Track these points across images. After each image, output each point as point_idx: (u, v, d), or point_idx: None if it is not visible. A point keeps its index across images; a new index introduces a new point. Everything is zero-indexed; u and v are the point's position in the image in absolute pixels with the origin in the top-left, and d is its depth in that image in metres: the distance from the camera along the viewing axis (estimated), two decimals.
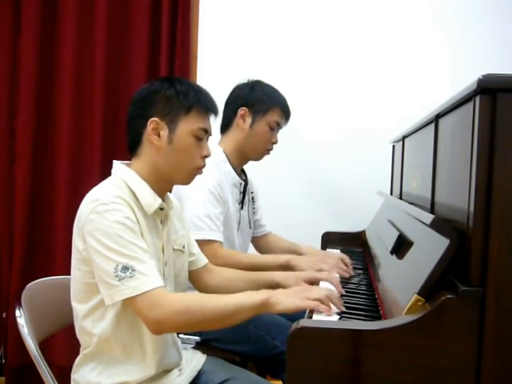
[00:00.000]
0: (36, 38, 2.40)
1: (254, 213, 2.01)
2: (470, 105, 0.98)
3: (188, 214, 1.64)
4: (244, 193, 1.90)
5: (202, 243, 1.58)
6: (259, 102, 1.81)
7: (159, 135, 1.24)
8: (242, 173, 1.93)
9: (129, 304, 1.13)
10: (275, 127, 1.84)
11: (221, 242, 1.68)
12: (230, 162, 1.83)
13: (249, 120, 1.81)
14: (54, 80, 2.45)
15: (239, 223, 1.87)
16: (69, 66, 2.42)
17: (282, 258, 1.68)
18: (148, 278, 1.11)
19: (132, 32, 2.46)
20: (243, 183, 1.89)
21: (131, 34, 2.46)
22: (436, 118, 1.29)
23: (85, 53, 2.44)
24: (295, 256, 1.70)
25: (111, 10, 2.42)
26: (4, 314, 2.41)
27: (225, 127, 1.87)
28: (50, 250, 2.46)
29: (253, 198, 2.00)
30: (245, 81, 1.87)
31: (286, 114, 1.85)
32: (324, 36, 2.48)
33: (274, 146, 1.87)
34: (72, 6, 2.41)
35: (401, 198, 1.93)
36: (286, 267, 1.64)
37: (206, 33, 2.51)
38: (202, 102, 1.27)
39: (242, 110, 1.81)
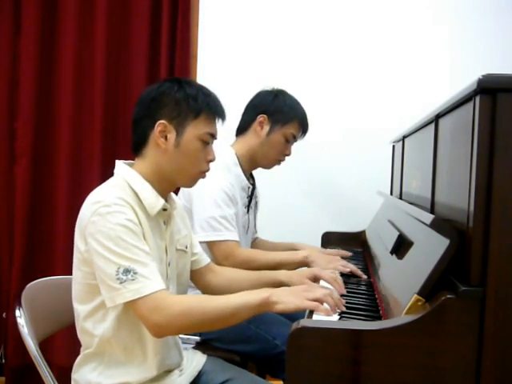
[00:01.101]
0: (36, 38, 2.40)
1: (256, 217, 2.02)
2: (469, 105, 0.98)
3: (201, 214, 1.64)
4: (251, 197, 1.90)
5: (219, 244, 1.58)
6: (280, 113, 1.81)
7: (166, 138, 1.24)
8: (250, 177, 1.93)
9: (130, 307, 1.13)
10: (291, 140, 1.84)
11: (237, 242, 1.68)
12: (240, 165, 1.83)
13: (266, 128, 1.82)
14: (54, 80, 2.45)
15: (246, 226, 1.87)
16: (69, 66, 2.42)
17: (300, 255, 1.69)
18: (150, 281, 1.11)
19: (132, 32, 2.45)
20: (251, 187, 1.89)
21: (131, 34, 2.46)
22: (436, 118, 1.29)
23: (85, 53, 2.44)
24: (312, 252, 1.71)
25: (111, 10, 2.42)
26: (4, 314, 2.41)
27: (241, 130, 1.87)
28: (49, 250, 2.47)
29: (256, 202, 2.01)
30: (269, 88, 1.88)
31: (303, 128, 1.86)
32: (324, 36, 2.48)
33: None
34: (72, 6, 2.41)
35: (401, 198, 1.93)
36: (304, 264, 1.65)
37: (206, 33, 2.51)
38: (210, 107, 1.27)
39: (261, 117, 1.82)
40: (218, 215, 1.65)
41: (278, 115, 1.81)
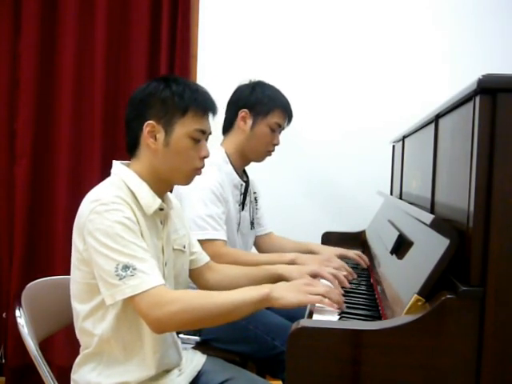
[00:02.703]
0: (36, 38, 2.40)
1: (256, 212, 2.01)
2: (469, 105, 0.98)
3: (190, 214, 1.64)
4: (245, 194, 1.89)
5: (206, 243, 1.57)
6: (260, 104, 1.80)
7: (155, 138, 1.24)
8: (243, 174, 1.93)
9: (130, 303, 1.13)
10: (276, 129, 1.83)
11: (224, 241, 1.68)
12: (231, 162, 1.83)
13: (249, 122, 1.81)
14: (54, 80, 2.46)
15: (239, 224, 1.87)
16: (69, 67, 2.42)
17: (288, 257, 1.66)
18: (149, 277, 1.11)
19: (132, 32, 2.46)
20: (244, 184, 1.88)
21: (131, 34, 2.46)
22: (436, 118, 1.29)
23: (85, 53, 2.44)
24: (301, 254, 1.69)
25: (111, 10, 2.42)
26: (4, 314, 2.41)
27: (226, 128, 1.87)
28: (49, 250, 2.47)
29: (255, 198, 2.00)
30: (246, 81, 1.87)
31: (287, 115, 1.84)
32: (324, 36, 2.48)
33: (276, 146, 1.87)
34: (72, 6, 2.41)
35: (401, 198, 1.93)
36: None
37: (206, 33, 2.51)
38: (198, 103, 1.25)
39: (242, 112, 1.81)
40: (204, 214, 1.65)
41: (258, 107, 1.80)
